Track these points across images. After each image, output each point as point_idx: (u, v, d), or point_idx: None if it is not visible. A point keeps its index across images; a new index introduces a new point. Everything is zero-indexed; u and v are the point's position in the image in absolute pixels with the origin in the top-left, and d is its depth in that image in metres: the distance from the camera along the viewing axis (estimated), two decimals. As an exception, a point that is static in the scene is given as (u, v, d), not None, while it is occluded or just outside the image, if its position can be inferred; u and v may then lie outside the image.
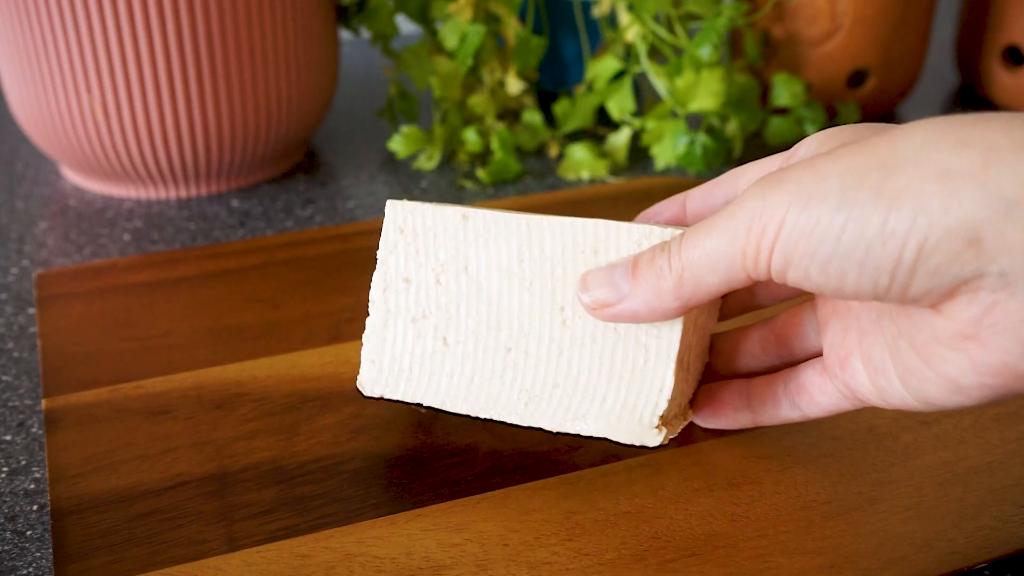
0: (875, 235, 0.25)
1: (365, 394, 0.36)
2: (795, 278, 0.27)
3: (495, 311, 0.34)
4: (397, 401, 0.35)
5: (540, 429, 0.34)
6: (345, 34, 0.92)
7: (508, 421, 0.34)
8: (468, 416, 0.35)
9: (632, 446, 0.33)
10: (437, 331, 0.34)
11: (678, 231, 0.31)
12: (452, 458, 0.36)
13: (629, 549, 0.32)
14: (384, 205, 0.59)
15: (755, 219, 0.27)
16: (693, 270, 0.29)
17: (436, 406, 0.35)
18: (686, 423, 0.35)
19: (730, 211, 0.28)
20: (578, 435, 0.34)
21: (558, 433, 0.34)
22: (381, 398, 0.36)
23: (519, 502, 0.34)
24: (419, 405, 0.35)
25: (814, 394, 0.33)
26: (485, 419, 0.35)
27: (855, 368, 0.31)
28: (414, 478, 0.35)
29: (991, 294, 0.25)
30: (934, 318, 0.27)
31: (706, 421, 0.36)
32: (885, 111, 0.71)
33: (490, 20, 0.62)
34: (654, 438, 0.33)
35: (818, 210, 0.26)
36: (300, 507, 0.34)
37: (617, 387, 0.33)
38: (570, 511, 0.34)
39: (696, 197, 0.35)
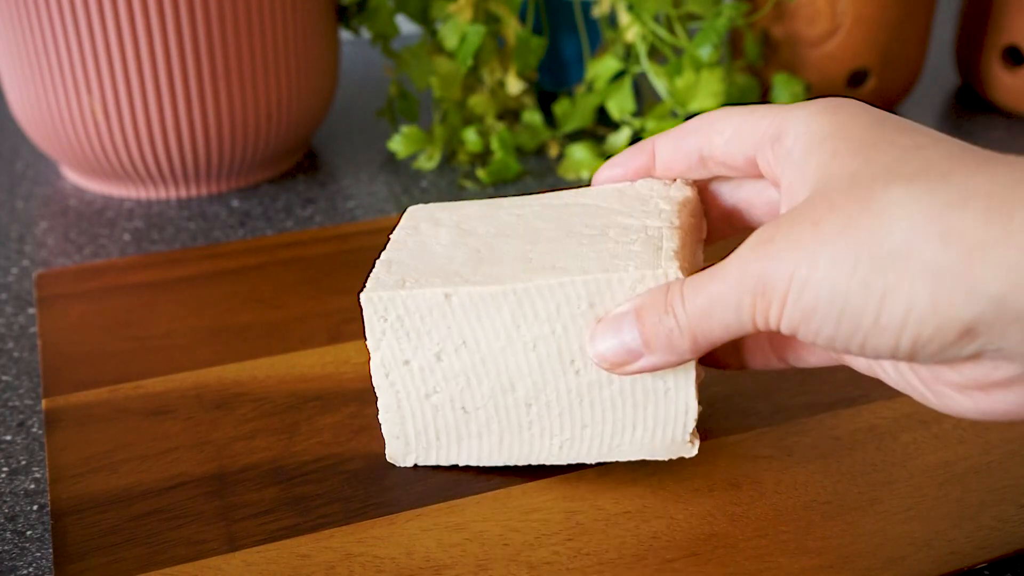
0: (870, 327, 0.25)
1: (398, 465, 0.36)
2: (805, 341, 0.28)
3: (505, 375, 0.33)
4: (433, 466, 0.36)
5: (580, 464, 0.35)
6: (345, 34, 0.92)
7: (547, 464, 0.35)
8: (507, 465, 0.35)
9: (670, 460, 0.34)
10: (453, 402, 0.34)
11: (672, 269, 0.30)
12: (450, 463, 0.36)
13: (629, 549, 0.32)
14: (384, 205, 0.59)
15: (758, 293, 0.27)
16: (704, 332, 0.29)
17: (472, 464, 0.35)
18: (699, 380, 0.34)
19: (729, 276, 0.28)
20: (617, 460, 0.34)
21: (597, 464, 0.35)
22: (415, 467, 0.36)
23: (519, 502, 0.34)
24: (455, 466, 0.36)
25: (801, 353, 0.34)
26: (524, 465, 0.35)
27: None
28: (414, 478, 0.35)
29: (993, 361, 0.25)
30: (940, 366, 0.27)
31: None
32: (885, 111, 0.71)
33: (490, 20, 0.62)
34: (689, 450, 0.34)
35: (814, 295, 0.26)
36: (300, 507, 0.34)
37: (644, 417, 0.33)
38: (571, 511, 0.34)
39: (666, 146, 0.34)
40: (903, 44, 0.66)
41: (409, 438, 0.35)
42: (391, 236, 0.35)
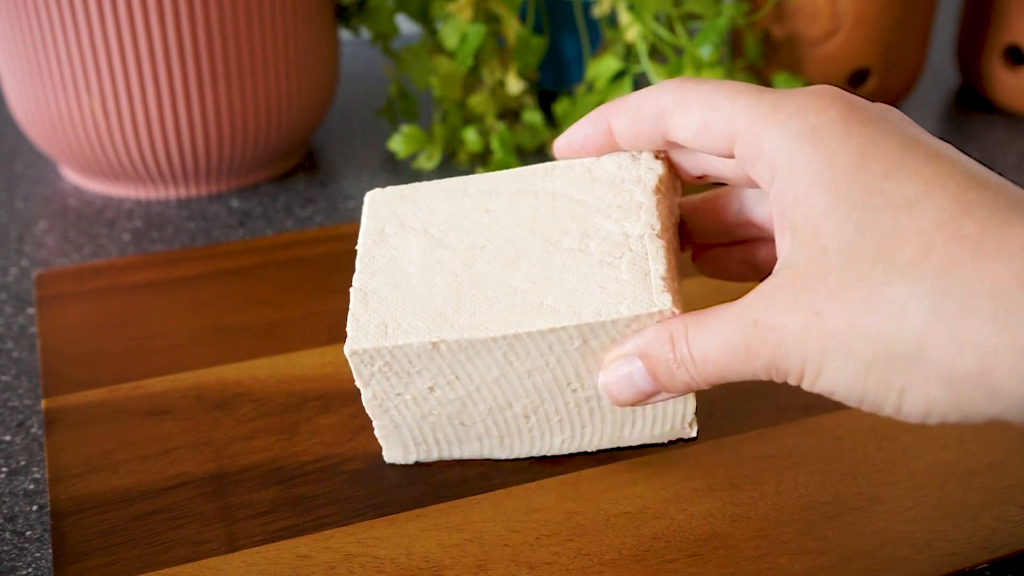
0: (893, 413, 0.26)
1: (399, 463, 0.36)
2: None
3: (502, 397, 0.33)
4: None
5: (580, 465, 0.35)
6: (345, 34, 0.92)
7: (548, 455, 0.35)
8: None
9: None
10: (451, 419, 0.34)
11: (666, 304, 0.29)
12: (452, 458, 0.36)
13: (629, 549, 0.32)
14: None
15: (772, 372, 0.27)
16: (719, 380, 0.29)
17: (475, 458, 0.36)
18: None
19: (737, 350, 0.27)
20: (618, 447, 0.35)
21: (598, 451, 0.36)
22: (416, 465, 0.36)
23: (519, 502, 0.34)
24: (451, 463, 0.36)
25: None
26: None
27: None
28: (414, 478, 0.35)
29: None
30: None
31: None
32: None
33: (490, 20, 0.62)
34: (688, 434, 0.34)
35: (831, 385, 0.26)
36: (300, 507, 0.34)
37: (643, 414, 0.33)
38: (571, 511, 0.34)
39: (623, 124, 0.32)
40: (904, 44, 0.66)
41: (408, 445, 0.35)
42: (358, 243, 0.33)
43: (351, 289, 0.32)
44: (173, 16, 0.52)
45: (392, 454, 0.36)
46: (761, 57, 0.67)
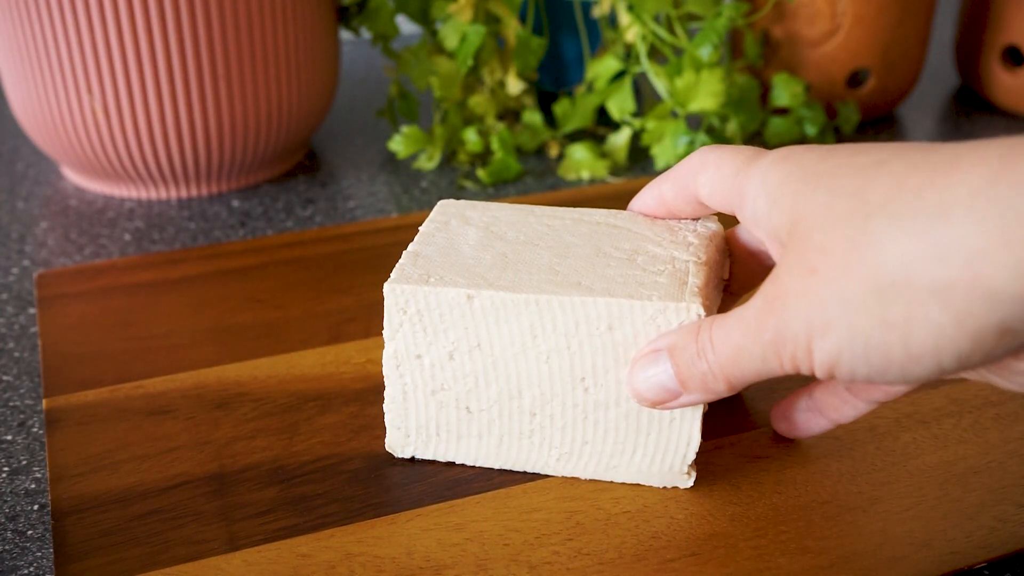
0: (904, 358, 0.25)
1: (396, 455, 0.36)
2: (843, 381, 0.28)
3: (515, 382, 0.33)
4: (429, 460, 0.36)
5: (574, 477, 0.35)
6: (345, 34, 0.92)
7: (541, 473, 0.35)
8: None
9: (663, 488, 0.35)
10: (459, 401, 0.34)
11: (695, 305, 0.31)
12: (448, 459, 0.36)
13: (629, 549, 0.32)
14: (384, 205, 0.59)
15: (779, 345, 0.27)
16: (737, 376, 0.29)
17: (468, 463, 0.36)
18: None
19: (748, 329, 0.28)
20: (611, 481, 0.35)
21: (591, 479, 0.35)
22: (412, 459, 0.36)
23: (519, 502, 0.34)
24: (451, 463, 0.36)
25: (844, 411, 0.34)
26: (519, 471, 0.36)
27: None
28: (414, 478, 0.35)
29: None
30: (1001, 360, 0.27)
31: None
32: (885, 111, 0.71)
33: (490, 20, 0.62)
34: (685, 481, 0.34)
35: (836, 339, 0.26)
36: (300, 507, 0.34)
37: (645, 443, 0.34)
38: (571, 511, 0.34)
39: (669, 189, 0.35)
40: (903, 44, 0.66)
41: (410, 430, 0.35)
42: (420, 228, 0.36)
43: (404, 252, 0.34)
44: (174, 16, 0.52)
45: (393, 438, 0.36)
46: (760, 58, 0.67)
